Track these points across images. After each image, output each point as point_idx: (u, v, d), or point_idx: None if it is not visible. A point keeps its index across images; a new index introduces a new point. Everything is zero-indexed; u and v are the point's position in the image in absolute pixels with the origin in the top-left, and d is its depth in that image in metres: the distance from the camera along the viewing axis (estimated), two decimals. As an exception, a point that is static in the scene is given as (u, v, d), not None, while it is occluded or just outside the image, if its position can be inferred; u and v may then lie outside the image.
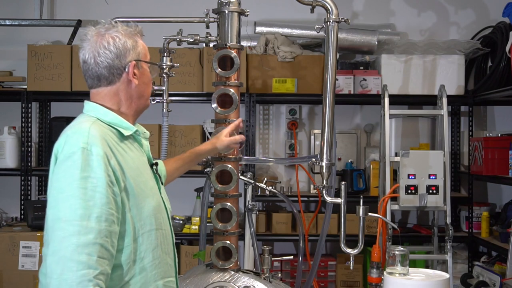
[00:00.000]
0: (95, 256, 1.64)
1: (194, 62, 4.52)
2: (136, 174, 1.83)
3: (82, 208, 1.65)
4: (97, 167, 1.70)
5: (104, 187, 1.69)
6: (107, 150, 1.74)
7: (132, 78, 1.89)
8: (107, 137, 1.78)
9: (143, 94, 1.94)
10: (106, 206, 1.68)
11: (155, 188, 1.94)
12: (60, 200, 1.67)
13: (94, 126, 1.77)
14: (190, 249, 4.52)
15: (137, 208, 1.81)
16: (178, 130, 4.53)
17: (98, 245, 1.65)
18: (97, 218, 1.66)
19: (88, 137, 1.72)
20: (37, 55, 4.47)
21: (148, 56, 1.97)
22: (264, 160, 4.12)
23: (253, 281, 2.52)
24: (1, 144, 4.56)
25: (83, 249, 1.63)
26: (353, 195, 4.26)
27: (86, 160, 1.69)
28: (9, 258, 4.20)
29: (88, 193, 1.67)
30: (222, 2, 2.65)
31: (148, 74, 1.97)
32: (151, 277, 1.84)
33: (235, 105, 2.63)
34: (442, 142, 4.16)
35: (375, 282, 2.72)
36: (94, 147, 1.71)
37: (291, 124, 4.87)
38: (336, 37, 2.73)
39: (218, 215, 2.65)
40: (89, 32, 1.89)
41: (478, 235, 4.52)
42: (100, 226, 1.66)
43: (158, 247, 1.87)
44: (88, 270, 1.62)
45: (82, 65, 1.90)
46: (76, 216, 1.65)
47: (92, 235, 1.64)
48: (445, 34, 4.97)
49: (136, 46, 1.91)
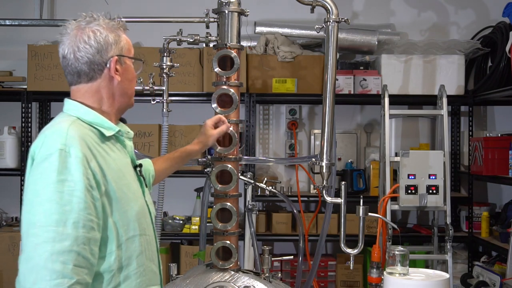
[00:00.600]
0: (71, 264, 1.54)
1: (194, 62, 4.52)
2: (118, 177, 1.73)
3: (58, 213, 1.55)
4: (75, 169, 1.59)
5: (82, 191, 1.59)
6: (87, 151, 1.64)
7: (114, 75, 1.79)
8: (87, 138, 1.68)
9: (126, 91, 1.84)
10: (84, 211, 1.58)
11: (138, 192, 1.84)
12: (35, 204, 1.57)
13: (73, 127, 1.67)
14: (190, 249, 4.52)
15: (120, 212, 1.70)
16: (178, 130, 4.53)
17: (75, 253, 1.55)
18: (74, 224, 1.56)
19: (66, 138, 1.62)
20: (37, 55, 4.47)
21: (132, 51, 1.88)
22: (264, 160, 4.12)
23: (253, 281, 2.52)
24: (1, 144, 4.56)
25: (58, 257, 1.53)
26: (353, 195, 4.26)
27: (63, 162, 1.59)
28: (9, 258, 4.20)
29: (64, 197, 1.57)
30: (222, 2, 2.65)
31: (132, 70, 1.87)
32: (136, 286, 1.74)
33: (235, 105, 2.63)
34: (442, 142, 4.16)
35: (375, 282, 2.72)
36: (73, 149, 1.61)
37: (291, 124, 4.87)
38: (336, 37, 2.73)
39: (218, 215, 2.65)
40: (69, 26, 1.81)
41: (478, 235, 4.52)
42: (77, 233, 1.56)
43: (143, 253, 1.77)
44: (62, 280, 1.53)
45: (61, 60, 1.81)
46: (52, 222, 1.54)
47: (68, 242, 1.54)
48: (445, 34, 4.97)
49: (119, 41, 1.82)
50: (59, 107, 1.88)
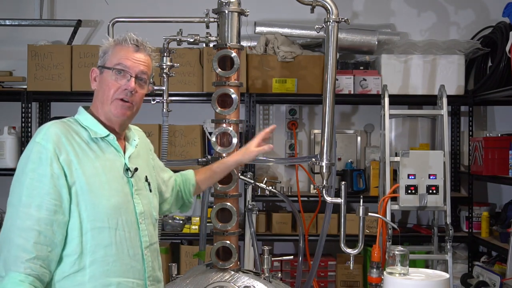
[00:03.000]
0: (32, 241, 1.78)
1: (194, 62, 4.52)
2: (92, 173, 1.91)
3: (26, 196, 1.82)
4: (45, 159, 1.84)
5: (48, 178, 1.83)
6: (60, 146, 1.87)
7: (92, 83, 2.05)
8: (68, 135, 1.91)
9: (102, 99, 2.01)
10: (48, 196, 1.82)
11: (120, 191, 1.97)
12: (13, 186, 1.87)
13: (56, 125, 1.92)
14: (190, 249, 4.52)
15: (87, 203, 1.89)
16: (178, 130, 4.53)
17: (36, 231, 1.79)
18: (37, 207, 1.81)
19: (45, 134, 1.88)
20: (37, 55, 4.47)
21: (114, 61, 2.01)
22: (264, 160, 4.11)
23: (253, 281, 2.52)
24: (1, 144, 4.56)
25: (21, 233, 1.79)
26: (353, 195, 4.26)
27: (37, 153, 1.85)
28: (9, 258, 4.20)
29: (34, 183, 1.83)
30: (222, 2, 2.65)
31: (107, 78, 2.01)
32: (103, 272, 1.89)
33: (235, 105, 2.63)
34: (442, 142, 4.16)
35: (375, 282, 2.72)
36: (46, 142, 1.86)
37: (291, 124, 4.87)
38: (336, 37, 2.73)
39: (218, 215, 2.65)
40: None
41: (478, 235, 4.52)
42: (39, 214, 1.81)
43: (112, 245, 1.91)
44: (22, 253, 1.77)
45: None
46: (21, 203, 1.82)
47: (30, 222, 1.80)
48: (445, 34, 4.97)
49: (106, 52, 2.04)
50: (59, 107, 1.98)
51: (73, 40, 4.73)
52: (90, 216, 1.89)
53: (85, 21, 4.80)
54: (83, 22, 4.75)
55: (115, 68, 2.00)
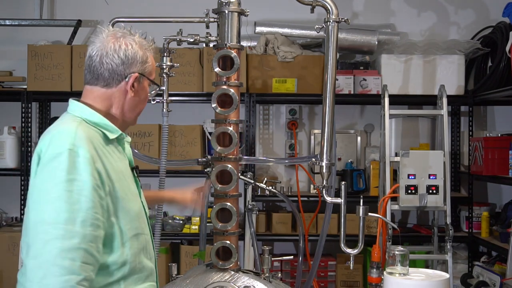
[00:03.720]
0: (79, 261, 1.60)
1: (194, 62, 4.52)
2: (119, 178, 1.79)
3: (67, 211, 1.61)
4: (83, 169, 1.65)
5: (90, 190, 1.64)
6: (93, 152, 1.70)
7: (129, 89, 1.86)
8: (93, 139, 1.74)
9: (135, 108, 1.91)
10: (92, 210, 1.64)
11: (136, 193, 1.91)
12: (44, 202, 1.62)
13: (81, 127, 1.74)
14: (190, 249, 4.52)
15: (123, 212, 1.77)
16: (178, 130, 4.53)
17: (83, 250, 1.61)
18: (82, 223, 1.62)
19: (74, 139, 1.68)
20: (37, 55, 4.47)
21: (153, 75, 1.95)
22: (264, 160, 4.11)
23: (253, 281, 2.52)
24: (1, 144, 4.56)
25: (67, 254, 1.58)
26: (353, 195, 4.26)
27: (72, 162, 1.64)
28: (9, 258, 4.20)
29: (73, 196, 1.62)
30: (222, 2, 2.64)
31: (146, 91, 1.94)
32: (135, 280, 1.82)
33: (235, 105, 2.62)
34: (442, 142, 4.16)
35: (375, 282, 2.72)
36: (81, 149, 1.67)
37: (291, 124, 4.87)
38: (336, 37, 2.73)
39: (218, 215, 2.65)
40: (106, 30, 1.88)
41: (478, 235, 4.52)
42: (85, 231, 1.62)
43: (142, 251, 1.85)
44: (71, 276, 1.58)
45: (86, 59, 1.89)
46: (61, 220, 1.60)
47: (76, 240, 1.60)
48: (445, 34, 4.97)
49: (146, 61, 1.90)
50: (59, 107, 1.92)
51: (73, 40, 4.73)
52: (127, 224, 1.78)
53: (85, 21, 4.79)
54: (83, 22, 4.75)
55: (154, 83, 1.97)
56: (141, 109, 1.95)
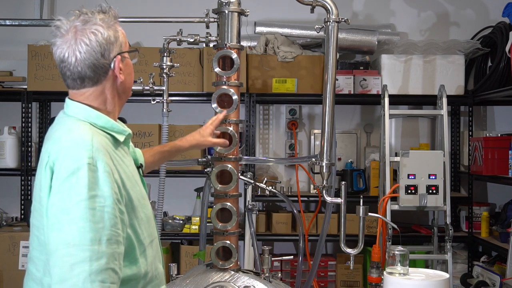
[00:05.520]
0: (108, 282, 1.51)
1: (194, 62, 4.52)
2: (132, 184, 1.69)
3: (92, 230, 1.50)
4: (104, 184, 1.55)
5: (112, 206, 1.55)
6: (110, 162, 1.59)
7: (118, 74, 1.72)
8: (108, 148, 1.63)
9: (128, 87, 1.79)
10: (115, 227, 1.55)
11: (146, 196, 1.80)
12: (66, 222, 1.51)
13: (96, 137, 1.62)
14: (190, 249, 4.52)
15: (138, 220, 1.69)
16: (178, 130, 4.53)
17: (111, 270, 1.52)
18: (107, 242, 1.53)
19: (92, 151, 1.57)
20: (37, 55, 4.47)
21: (127, 43, 1.78)
22: (264, 160, 4.12)
23: (253, 281, 2.52)
24: (1, 144, 4.56)
25: (96, 277, 1.49)
26: (353, 195, 4.26)
27: (92, 177, 1.53)
28: (9, 258, 4.20)
29: (97, 214, 1.52)
30: (222, 2, 2.65)
31: (130, 63, 1.80)
32: (156, 285, 1.77)
33: (235, 105, 2.63)
34: (442, 142, 4.16)
35: (375, 282, 2.72)
36: (99, 162, 1.56)
37: (291, 124, 4.87)
38: (336, 37, 2.74)
39: (218, 215, 2.65)
40: (63, 26, 1.70)
41: (478, 235, 4.52)
42: (111, 250, 1.53)
43: (156, 257, 1.79)
44: None
45: (59, 64, 1.73)
46: (86, 240, 1.50)
47: (104, 260, 1.51)
48: (445, 34, 4.97)
49: (118, 37, 1.73)
50: (59, 107, 1.87)
51: (73, 40, 4.72)
52: (143, 233, 1.70)
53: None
54: (83, 22, 4.75)
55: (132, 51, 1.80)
56: (131, 82, 1.82)
